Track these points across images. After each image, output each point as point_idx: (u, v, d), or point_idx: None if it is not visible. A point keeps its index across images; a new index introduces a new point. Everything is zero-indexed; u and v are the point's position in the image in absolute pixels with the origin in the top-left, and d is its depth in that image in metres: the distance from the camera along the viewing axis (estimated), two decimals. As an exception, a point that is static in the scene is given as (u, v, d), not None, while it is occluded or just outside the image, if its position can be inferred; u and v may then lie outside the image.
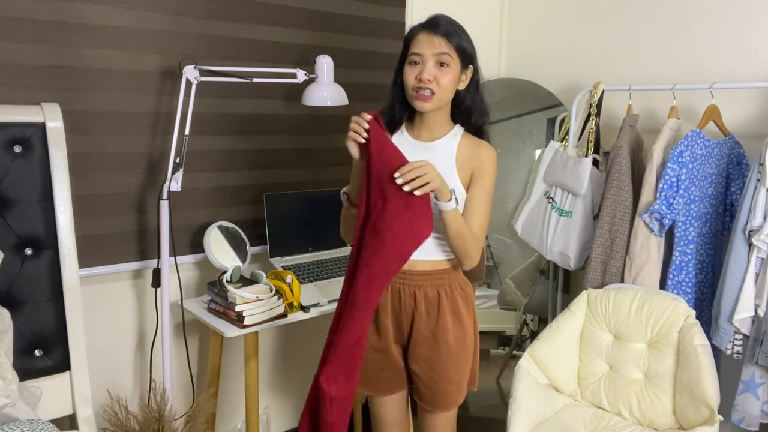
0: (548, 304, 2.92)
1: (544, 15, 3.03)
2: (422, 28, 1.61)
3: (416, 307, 1.69)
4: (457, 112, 1.70)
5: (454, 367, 1.71)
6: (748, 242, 2.06)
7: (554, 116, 2.93)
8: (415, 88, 1.59)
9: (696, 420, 1.95)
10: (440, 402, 1.75)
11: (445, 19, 1.63)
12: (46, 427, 1.35)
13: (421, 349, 1.71)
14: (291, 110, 2.45)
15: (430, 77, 1.57)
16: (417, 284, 1.69)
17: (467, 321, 1.73)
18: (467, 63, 1.63)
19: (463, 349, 1.72)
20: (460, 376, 1.74)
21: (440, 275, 1.70)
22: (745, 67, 2.34)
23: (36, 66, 1.89)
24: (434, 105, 1.61)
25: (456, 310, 1.70)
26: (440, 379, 1.72)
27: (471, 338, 1.75)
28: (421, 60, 1.59)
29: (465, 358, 1.74)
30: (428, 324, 1.69)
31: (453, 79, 1.60)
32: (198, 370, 2.41)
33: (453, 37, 1.59)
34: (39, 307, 1.79)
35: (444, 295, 1.69)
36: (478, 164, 1.66)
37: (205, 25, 2.19)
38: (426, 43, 1.58)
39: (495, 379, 3.10)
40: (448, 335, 1.69)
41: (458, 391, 1.76)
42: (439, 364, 1.71)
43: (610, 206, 2.36)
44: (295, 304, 2.14)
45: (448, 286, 1.70)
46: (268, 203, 2.33)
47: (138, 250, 2.16)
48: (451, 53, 1.58)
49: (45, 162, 1.79)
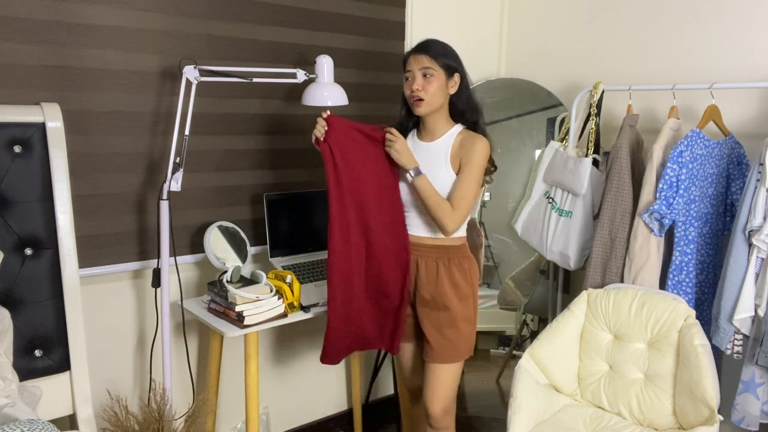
0: (548, 304, 2.92)
1: (544, 15, 3.03)
2: (411, 51, 2.00)
3: (418, 274, 2.06)
4: (455, 112, 2.06)
5: (452, 328, 2.03)
6: (748, 242, 2.06)
7: (554, 116, 2.93)
8: (410, 97, 1.99)
9: (696, 420, 1.95)
10: (438, 355, 2.04)
11: (430, 41, 2.00)
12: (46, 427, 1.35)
13: (423, 308, 2.07)
14: (291, 110, 2.45)
15: (419, 86, 1.96)
16: (420, 254, 2.06)
17: (465, 291, 2.04)
18: (452, 72, 1.99)
19: (459, 314, 2.03)
20: (458, 337, 2.04)
21: (440, 249, 2.05)
22: (745, 67, 2.34)
23: (36, 66, 1.89)
24: (426, 109, 1.99)
25: (453, 280, 2.03)
26: (441, 336, 2.03)
27: (470, 307, 2.06)
28: (411, 75, 1.98)
29: (462, 323, 2.04)
30: (428, 289, 2.05)
31: (439, 87, 1.97)
32: (198, 370, 2.41)
33: (434, 53, 1.96)
34: (39, 307, 1.79)
35: (442, 266, 2.03)
36: (467, 153, 1.99)
37: (205, 25, 2.19)
38: (413, 61, 1.97)
39: (495, 379, 3.10)
40: (446, 299, 2.02)
41: (456, 349, 2.05)
42: (438, 323, 2.04)
43: (610, 206, 2.36)
44: (295, 304, 2.14)
45: (446, 259, 2.04)
46: (268, 203, 2.33)
47: (138, 250, 2.16)
48: (433, 66, 1.95)
49: (45, 162, 1.79)
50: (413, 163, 1.97)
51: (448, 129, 2.04)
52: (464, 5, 3.02)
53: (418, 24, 2.81)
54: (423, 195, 1.96)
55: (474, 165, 1.97)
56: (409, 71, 1.98)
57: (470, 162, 1.97)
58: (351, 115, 2.57)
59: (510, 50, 3.20)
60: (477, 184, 1.99)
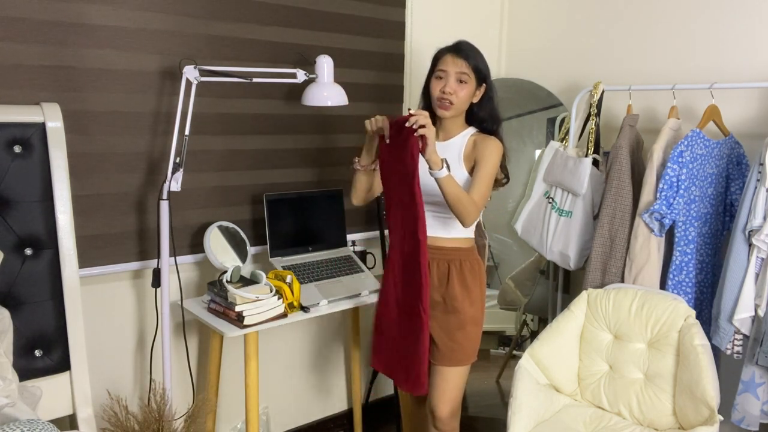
0: (548, 304, 2.92)
1: (544, 15, 3.03)
2: (449, 51, 1.98)
3: (430, 276, 2.01)
4: (473, 119, 2.07)
5: (461, 330, 2.02)
6: (748, 242, 2.06)
7: (554, 116, 2.93)
8: (439, 98, 1.98)
9: (696, 420, 1.95)
10: (446, 358, 2.04)
11: (467, 44, 2.00)
12: (46, 427, 1.35)
13: (434, 311, 2.03)
14: (291, 110, 2.45)
15: (451, 90, 1.96)
16: (432, 257, 2.02)
17: (475, 293, 2.04)
18: (481, 81, 2.00)
19: (469, 317, 2.03)
20: (466, 340, 2.04)
21: (452, 252, 2.04)
22: (745, 67, 2.34)
23: (36, 66, 1.89)
24: (452, 113, 2.00)
25: (464, 282, 2.03)
26: (449, 339, 2.03)
27: (478, 310, 2.06)
28: (445, 75, 1.96)
29: (471, 326, 2.04)
30: (440, 290, 2.03)
31: (468, 94, 1.99)
32: (198, 370, 2.41)
33: (472, 60, 1.96)
34: (39, 307, 1.79)
35: (454, 268, 2.03)
36: (480, 152, 1.98)
37: (205, 25, 2.19)
38: (451, 63, 1.96)
39: (495, 379, 3.10)
40: (456, 301, 2.02)
41: (464, 352, 2.04)
42: (447, 326, 2.03)
43: (610, 206, 2.36)
44: (295, 304, 2.14)
45: (458, 261, 2.03)
46: (268, 203, 2.33)
47: (138, 250, 2.16)
48: (469, 73, 1.95)
49: (45, 162, 1.79)
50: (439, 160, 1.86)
51: (462, 130, 2.06)
52: (464, 5, 3.02)
53: (418, 24, 2.82)
54: (449, 191, 1.86)
55: (489, 163, 1.96)
56: (443, 71, 1.96)
57: (484, 159, 1.96)
58: (351, 115, 2.59)
59: (510, 50, 3.20)
60: (491, 182, 1.98)
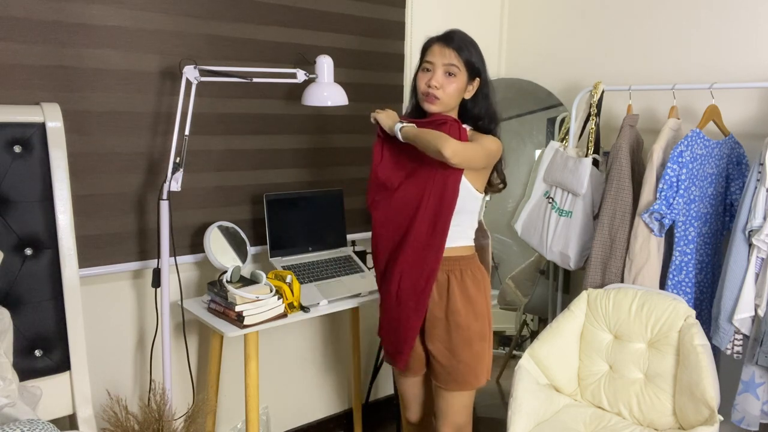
0: (548, 304, 2.92)
1: (544, 15, 3.03)
2: (437, 40, 1.81)
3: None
4: (467, 117, 1.89)
5: (467, 348, 1.84)
6: (748, 242, 2.06)
7: (554, 116, 2.93)
8: (424, 92, 1.81)
9: (696, 420, 1.95)
10: (453, 381, 1.87)
11: (459, 34, 1.81)
12: (46, 427, 1.35)
13: (435, 330, 1.87)
14: (291, 110, 2.45)
15: (438, 84, 1.78)
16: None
17: (479, 306, 1.86)
18: (474, 76, 1.82)
19: (475, 333, 1.85)
20: (474, 359, 1.86)
21: (451, 261, 1.85)
22: (745, 67, 2.34)
23: (36, 66, 1.89)
24: (439, 108, 1.81)
25: (467, 294, 1.84)
26: (453, 358, 1.85)
27: (485, 324, 1.88)
28: (432, 68, 1.79)
29: (478, 342, 1.86)
30: (440, 305, 1.85)
31: (458, 89, 1.80)
32: (198, 370, 2.41)
33: (463, 52, 1.78)
34: (39, 307, 1.79)
35: (453, 279, 1.84)
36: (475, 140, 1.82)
37: (205, 25, 2.19)
38: (438, 54, 1.78)
39: (495, 379, 3.10)
40: (459, 317, 1.83)
41: (471, 373, 1.86)
42: (451, 344, 1.84)
43: (610, 206, 2.36)
44: (295, 304, 2.14)
45: (458, 271, 1.85)
46: (268, 203, 2.33)
47: (138, 250, 2.16)
48: (459, 65, 1.78)
49: (45, 162, 1.79)
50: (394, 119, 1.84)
51: None
52: (464, 5, 3.02)
53: (418, 24, 2.81)
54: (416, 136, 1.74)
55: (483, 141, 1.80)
56: (429, 62, 1.79)
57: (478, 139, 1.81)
58: (351, 115, 2.59)
59: (510, 50, 3.20)
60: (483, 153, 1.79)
